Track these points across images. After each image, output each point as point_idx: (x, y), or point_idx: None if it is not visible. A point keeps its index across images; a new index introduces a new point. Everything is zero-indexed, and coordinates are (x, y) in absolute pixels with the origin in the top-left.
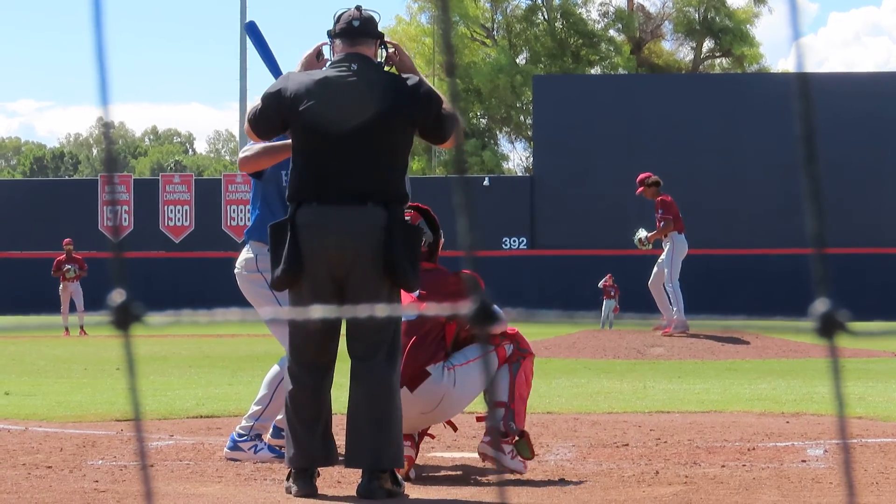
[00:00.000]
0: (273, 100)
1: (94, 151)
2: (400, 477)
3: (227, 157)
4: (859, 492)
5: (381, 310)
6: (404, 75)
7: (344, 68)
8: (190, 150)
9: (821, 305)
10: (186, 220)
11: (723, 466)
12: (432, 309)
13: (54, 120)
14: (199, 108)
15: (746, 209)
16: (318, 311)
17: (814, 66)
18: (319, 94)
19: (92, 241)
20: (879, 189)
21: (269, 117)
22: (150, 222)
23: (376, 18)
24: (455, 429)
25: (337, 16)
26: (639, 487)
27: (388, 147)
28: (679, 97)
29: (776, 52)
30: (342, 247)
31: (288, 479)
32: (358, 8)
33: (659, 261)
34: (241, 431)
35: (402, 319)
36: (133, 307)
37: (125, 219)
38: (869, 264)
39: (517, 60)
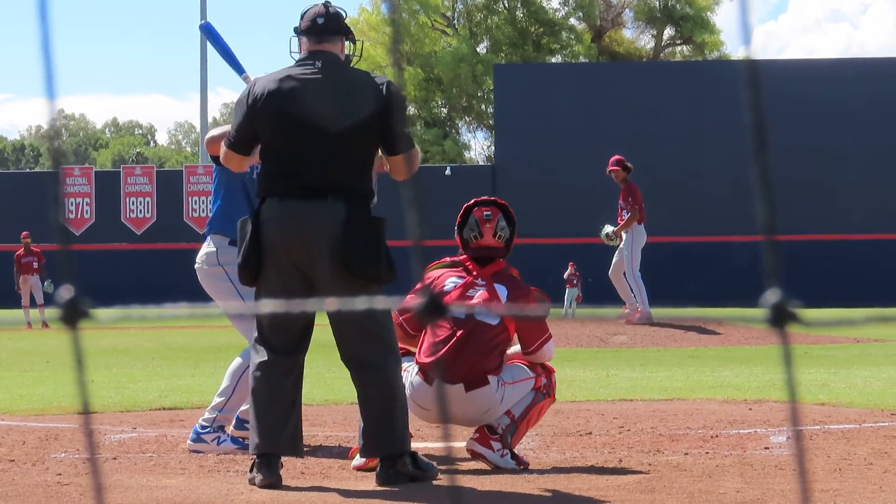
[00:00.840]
0: (241, 109)
1: (56, 143)
2: (425, 459)
3: (189, 149)
4: (822, 478)
5: (360, 303)
6: (373, 74)
7: (308, 66)
8: (151, 142)
9: (772, 296)
10: (148, 212)
11: (686, 454)
12: (382, 302)
13: (15, 112)
14: (160, 99)
15: (707, 196)
16: (268, 306)
17: (775, 52)
18: (283, 92)
19: (54, 233)
20: (842, 175)
21: (244, 129)
22: (111, 214)
23: (343, 14)
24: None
25: (303, 12)
26: (602, 476)
27: (352, 144)
28: (640, 85)
29: (737, 40)
30: (301, 241)
31: (251, 470)
32: (325, 4)
33: (618, 250)
34: (204, 423)
35: (483, 320)
36: (81, 303)
37: (87, 211)
38: (832, 250)
39: (478, 49)
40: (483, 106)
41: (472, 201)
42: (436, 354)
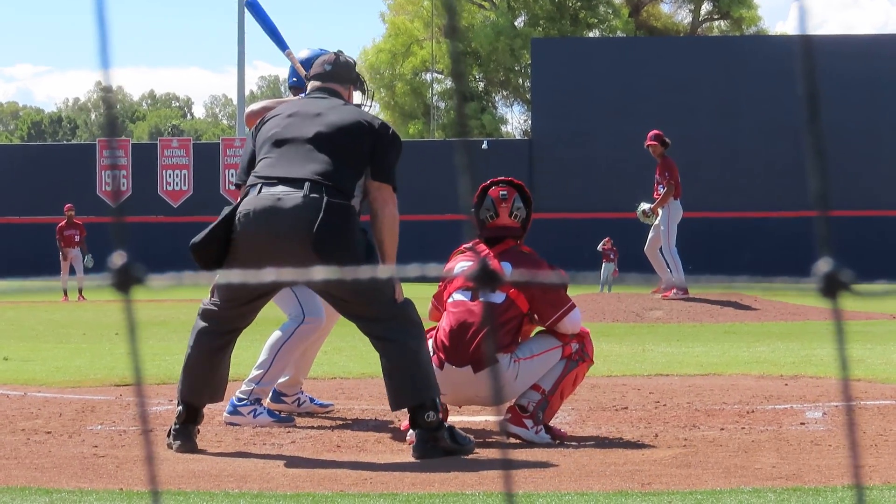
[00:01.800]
0: (248, 144)
1: (93, 116)
2: (462, 433)
3: (225, 122)
4: (859, 454)
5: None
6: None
7: (315, 96)
8: (188, 115)
9: (824, 265)
10: (185, 185)
11: (722, 429)
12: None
13: (52, 85)
14: (198, 72)
15: (744, 172)
16: (268, 276)
17: (812, 28)
18: (287, 113)
19: (90, 205)
20: (878, 152)
21: (248, 152)
22: (148, 187)
23: (352, 63)
24: (459, 405)
25: (313, 60)
26: (638, 450)
27: (341, 154)
28: (677, 60)
29: (774, 15)
30: (270, 227)
31: (168, 435)
32: (337, 53)
33: (653, 226)
34: (241, 396)
35: (486, 299)
36: (134, 269)
37: (123, 183)
38: (866, 227)
39: (515, 23)
40: (520, 80)
41: (487, 181)
42: (445, 339)
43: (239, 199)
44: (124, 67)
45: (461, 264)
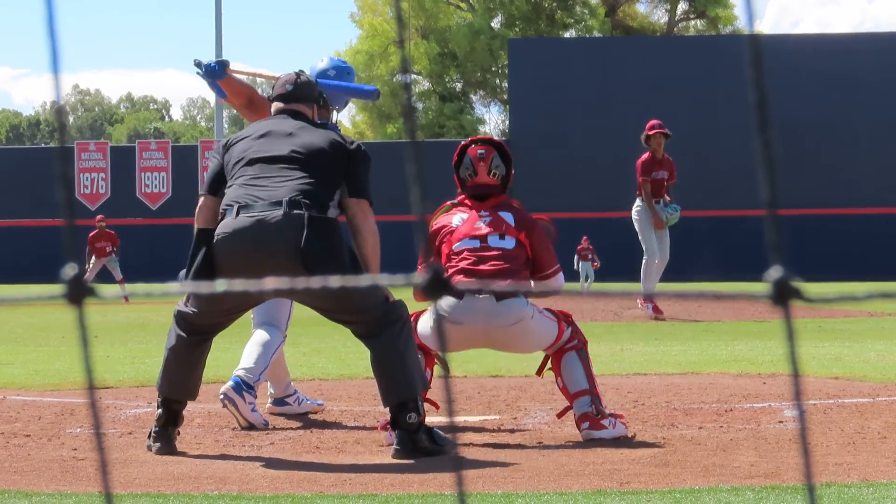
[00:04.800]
0: (214, 157)
1: (72, 119)
2: (441, 434)
3: (203, 124)
4: (836, 451)
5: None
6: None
7: (282, 117)
8: (166, 117)
9: (774, 272)
10: (164, 187)
11: (700, 428)
12: (382, 279)
13: (30, 88)
14: (175, 74)
15: (721, 171)
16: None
17: (788, 27)
18: (249, 130)
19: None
20: (855, 150)
21: (214, 173)
22: (127, 189)
23: (313, 83)
24: (437, 407)
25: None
26: (617, 450)
27: (317, 172)
28: (654, 60)
29: (745, 15)
30: (256, 247)
31: (149, 437)
32: (297, 73)
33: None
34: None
35: (501, 247)
36: (84, 280)
37: (102, 186)
38: (845, 224)
39: (492, 24)
40: (497, 80)
41: (467, 140)
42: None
43: (207, 223)
44: (101, 70)
45: (459, 216)
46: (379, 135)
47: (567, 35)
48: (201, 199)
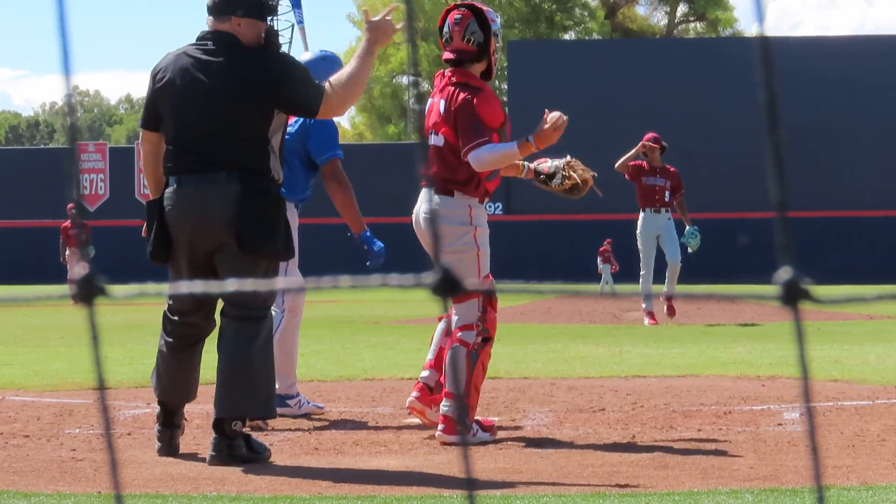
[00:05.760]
0: (148, 85)
1: (70, 120)
2: (259, 441)
3: None
4: (835, 454)
5: (247, 284)
6: (267, 49)
7: (201, 45)
8: None
9: (784, 273)
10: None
11: (699, 430)
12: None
13: (29, 89)
14: None
15: (722, 173)
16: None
17: (788, 29)
18: (176, 69)
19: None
20: (855, 152)
21: (149, 105)
22: (126, 190)
23: None
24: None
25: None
26: (615, 452)
27: (240, 123)
28: (653, 62)
29: (750, 17)
30: (198, 224)
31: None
32: None
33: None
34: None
35: (431, 144)
36: (96, 279)
37: (101, 187)
38: (845, 227)
39: None
40: (497, 82)
41: (451, 5)
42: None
43: (150, 167)
44: (101, 71)
45: (433, 99)
46: (378, 136)
47: (566, 37)
48: (141, 134)
